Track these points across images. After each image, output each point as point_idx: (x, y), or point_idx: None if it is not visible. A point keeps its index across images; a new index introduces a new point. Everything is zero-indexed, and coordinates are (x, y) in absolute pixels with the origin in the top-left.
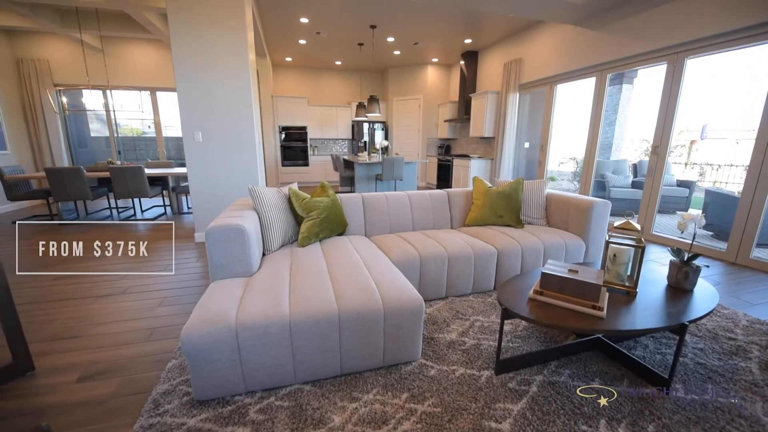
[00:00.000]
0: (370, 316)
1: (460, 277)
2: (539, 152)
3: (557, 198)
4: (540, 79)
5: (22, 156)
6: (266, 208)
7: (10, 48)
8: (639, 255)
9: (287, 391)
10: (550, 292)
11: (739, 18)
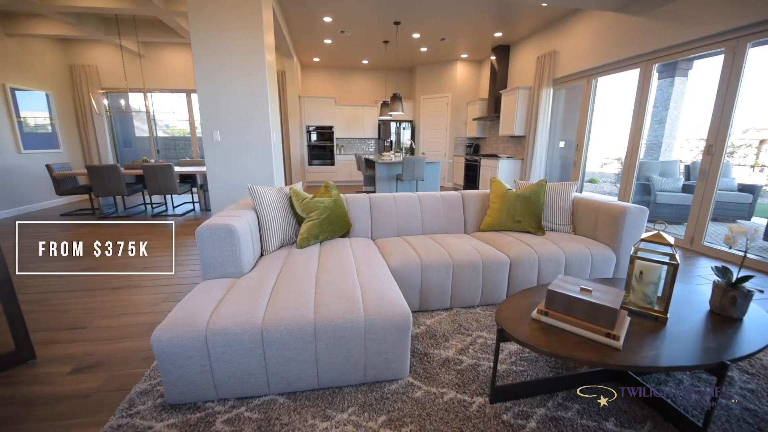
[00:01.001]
0: (348, 328)
1: (467, 288)
2: (575, 152)
3: (585, 202)
4: (576, 72)
5: (73, 154)
6: (265, 207)
7: (65, 55)
8: (671, 274)
9: (260, 401)
10: (557, 313)
11: None
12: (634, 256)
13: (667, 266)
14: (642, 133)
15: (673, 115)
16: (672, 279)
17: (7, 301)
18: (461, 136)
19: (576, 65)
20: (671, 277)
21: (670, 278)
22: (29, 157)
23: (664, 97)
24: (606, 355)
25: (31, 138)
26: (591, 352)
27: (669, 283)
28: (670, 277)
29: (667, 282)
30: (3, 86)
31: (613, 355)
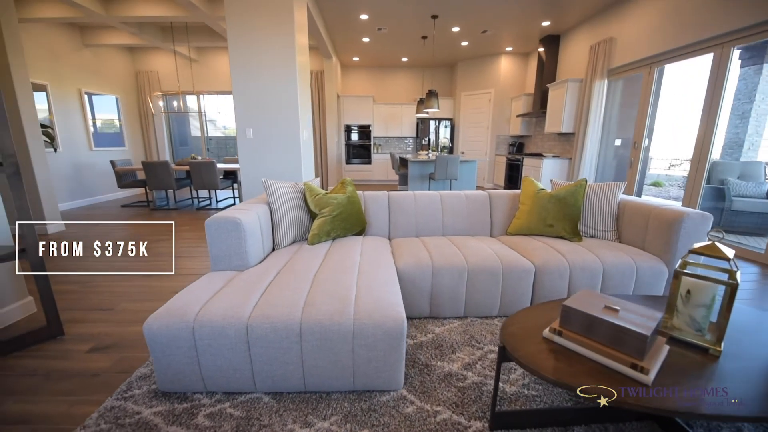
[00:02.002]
0: (335, 330)
1: (483, 295)
2: (632, 150)
3: (633, 206)
4: (636, 61)
5: (136, 152)
6: (278, 202)
7: (131, 63)
8: (728, 295)
9: (245, 398)
10: (573, 334)
11: None
12: (679, 271)
13: (724, 286)
14: (714, 129)
15: (760, 109)
16: (729, 302)
17: (40, 281)
18: (504, 135)
19: (635, 53)
20: (728, 299)
21: (727, 301)
22: (99, 154)
23: (749, 87)
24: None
25: (101, 137)
26: (609, 386)
27: (725, 306)
28: (726, 300)
29: (723, 305)
30: (79, 91)
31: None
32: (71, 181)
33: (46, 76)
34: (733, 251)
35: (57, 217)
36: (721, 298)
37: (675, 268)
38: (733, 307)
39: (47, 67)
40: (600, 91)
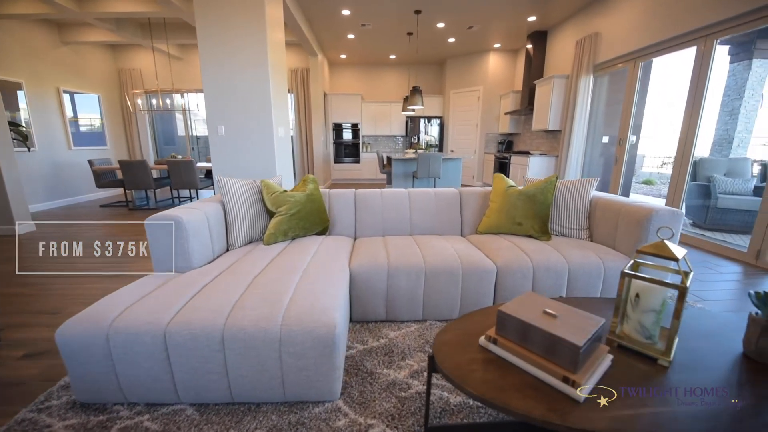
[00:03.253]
0: (260, 337)
1: (443, 298)
2: (617, 147)
3: (605, 203)
4: (620, 56)
5: (119, 152)
6: (232, 200)
7: (113, 61)
8: (679, 301)
9: (168, 410)
10: (508, 342)
11: None
12: (625, 272)
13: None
14: (698, 125)
15: (750, 105)
16: (679, 307)
17: None
18: (493, 132)
19: (620, 47)
20: (678, 305)
21: (677, 307)
22: (80, 153)
23: (738, 84)
24: (556, 409)
25: (82, 136)
26: (535, 402)
27: (675, 312)
28: (675, 305)
29: (674, 311)
30: (57, 89)
31: (568, 409)
32: (49, 180)
33: (21, 74)
34: (685, 251)
35: (27, 217)
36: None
37: (622, 270)
38: (684, 311)
39: (23, 64)
40: (586, 87)
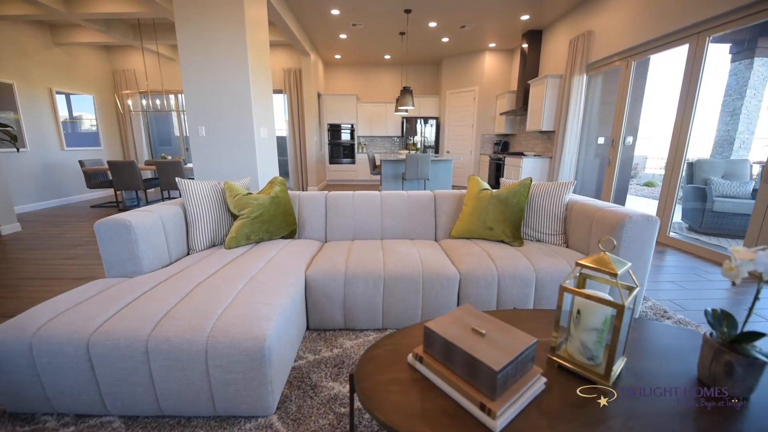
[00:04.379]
0: (185, 349)
1: (403, 306)
2: (610, 149)
3: (580, 208)
4: (613, 54)
5: (113, 152)
6: (194, 203)
7: (108, 61)
8: (617, 320)
9: (95, 422)
10: (433, 362)
11: None
12: (563, 286)
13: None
14: (690, 124)
15: (751, 105)
16: (616, 328)
17: None
18: (489, 133)
19: (613, 45)
20: (616, 324)
21: (615, 325)
22: (73, 154)
23: (740, 83)
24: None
25: (76, 136)
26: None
27: (613, 331)
28: (614, 324)
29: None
30: (50, 90)
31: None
32: (40, 181)
33: (12, 76)
34: (628, 264)
35: (12, 218)
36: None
37: (561, 284)
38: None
39: (14, 66)
40: (579, 87)
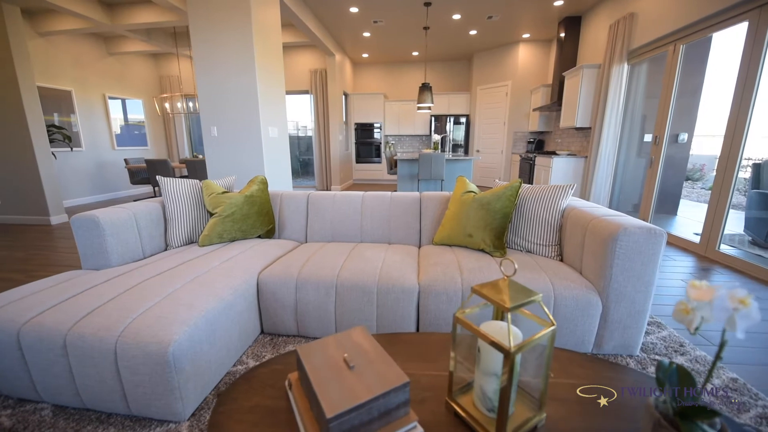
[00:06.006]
0: (97, 348)
1: (356, 316)
2: (652, 147)
3: (576, 215)
4: (658, 38)
5: (159, 151)
6: (172, 200)
7: (156, 68)
8: (507, 368)
9: (30, 408)
10: (299, 391)
11: None
12: (458, 317)
13: (504, 353)
14: (749, 116)
15: None
16: (508, 378)
17: None
18: (522, 131)
19: (658, 28)
20: (504, 375)
21: (506, 377)
22: (123, 153)
23: None
24: None
25: (127, 137)
26: None
27: (506, 385)
28: (507, 377)
29: (507, 382)
30: (103, 96)
31: None
32: (92, 177)
33: (71, 83)
34: (537, 295)
35: (60, 210)
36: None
37: (455, 313)
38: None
39: (73, 74)
40: (619, 77)
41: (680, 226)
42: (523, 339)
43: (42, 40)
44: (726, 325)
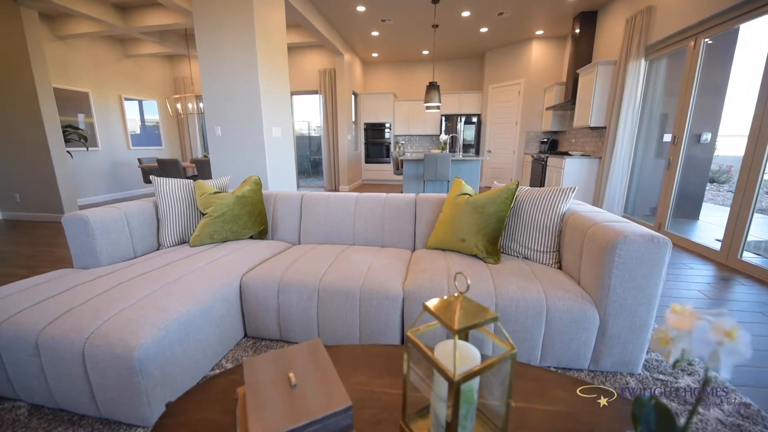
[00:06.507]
0: (67, 349)
1: (339, 323)
2: (670, 148)
3: (575, 220)
4: (677, 32)
5: (173, 151)
6: (165, 200)
7: (170, 69)
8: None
9: (9, 405)
10: (242, 407)
11: None
12: (409, 336)
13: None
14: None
15: None
16: (453, 411)
17: None
18: (535, 131)
19: (678, 21)
20: (450, 407)
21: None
22: (138, 152)
23: None
24: None
25: (142, 137)
26: None
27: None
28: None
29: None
30: (119, 97)
31: None
32: (108, 176)
33: (88, 85)
34: (491, 316)
35: (74, 207)
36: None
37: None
38: None
39: (90, 76)
40: (635, 74)
41: (702, 232)
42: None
43: (61, 43)
44: (708, 362)
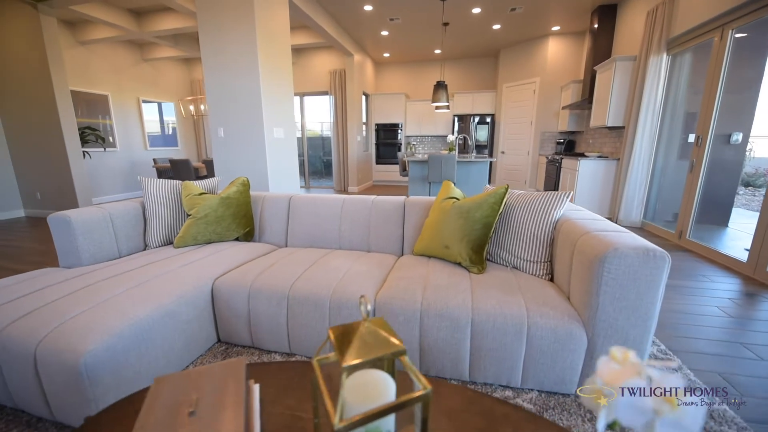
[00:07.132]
0: (16, 352)
1: (308, 331)
2: (693, 149)
3: (568, 228)
4: (702, 23)
5: (189, 151)
6: (152, 201)
7: (188, 72)
8: None
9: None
10: None
11: None
12: (314, 365)
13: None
14: None
15: None
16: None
17: None
18: (551, 131)
19: (703, 11)
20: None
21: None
22: (155, 153)
23: None
24: None
25: (160, 138)
26: None
27: None
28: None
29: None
30: (138, 99)
31: None
32: (126, 176)
33: (108, 88)
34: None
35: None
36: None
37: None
38: None
39: (110, 79)
40: (656, 69)
41: (730, 240)
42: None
43: (83, 48)
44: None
